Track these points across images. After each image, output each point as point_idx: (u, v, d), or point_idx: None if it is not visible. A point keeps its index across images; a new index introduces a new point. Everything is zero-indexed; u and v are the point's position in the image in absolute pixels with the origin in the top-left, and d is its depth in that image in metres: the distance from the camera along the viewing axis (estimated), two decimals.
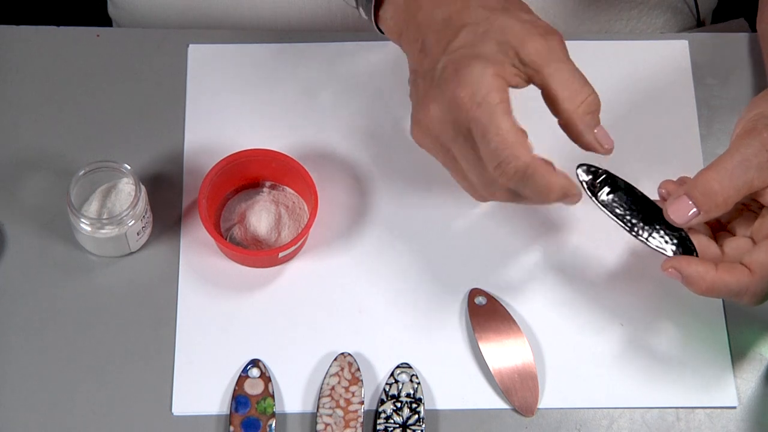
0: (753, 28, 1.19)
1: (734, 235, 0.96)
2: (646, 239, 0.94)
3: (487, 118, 0.89)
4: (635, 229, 0.95)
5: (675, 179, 0.96)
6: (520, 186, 0.90)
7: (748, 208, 0.96)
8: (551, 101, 0.92)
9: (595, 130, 0.92)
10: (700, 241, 0.94)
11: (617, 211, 0.95)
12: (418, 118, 0.93)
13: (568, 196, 0.92)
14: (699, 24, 1.25)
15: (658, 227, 0.94)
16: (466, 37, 0.91)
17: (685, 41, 1.12)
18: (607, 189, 0.96)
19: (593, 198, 0.96)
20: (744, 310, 1.02)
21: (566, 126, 0.92)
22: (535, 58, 0.90)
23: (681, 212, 0.92)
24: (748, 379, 1.00)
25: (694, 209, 0.91)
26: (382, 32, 0.99)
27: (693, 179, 0.92)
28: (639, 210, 0.95)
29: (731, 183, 0.90)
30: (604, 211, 0.96)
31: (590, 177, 0.96)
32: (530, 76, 0.91)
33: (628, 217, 0.95)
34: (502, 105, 0.89)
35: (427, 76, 0.92)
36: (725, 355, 1.01)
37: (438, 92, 0.91)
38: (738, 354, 1.01)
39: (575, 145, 0.94)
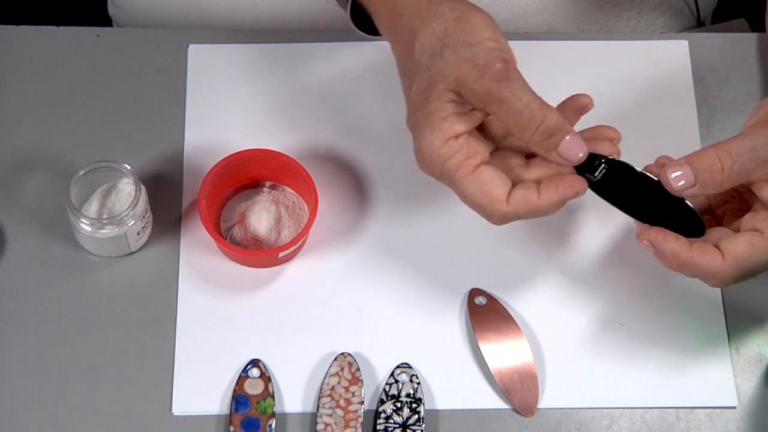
0: (753, 28, 1.19)
1: (719, 217, 0.96)
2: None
3: (451, 185, 0.93)
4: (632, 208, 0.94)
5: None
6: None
7: (740, 196, 0.95)
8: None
9: (561, 145, 0.91)
10: None
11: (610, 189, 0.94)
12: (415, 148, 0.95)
13: (574, 193, 0.92)
14: (699, 24, 1.25)
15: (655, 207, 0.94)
16: (415, 95, 0.93)
17: (685, 41, 1.12)
18: (602, 167, 0.95)
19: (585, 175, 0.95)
20: (744, 310, 1.02)
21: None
22: (475, 101, 0.91)
23: (681, 179, 0.91)
24: (748, 379, 1.00)
25: (693, 179, 0.91)
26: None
27: (699, 152, 0.91)
28: (637, 189, 0.94)
29: (734, 167, 0.90)
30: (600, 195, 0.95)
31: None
32: (479, 110, 0.92)
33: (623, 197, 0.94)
34: (461, 169, 0.91)
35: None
36: (725, 355, 1.01)
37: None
38: (738, 354, 1.01)
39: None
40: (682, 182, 0.91)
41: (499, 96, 0.90)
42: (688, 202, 0.93)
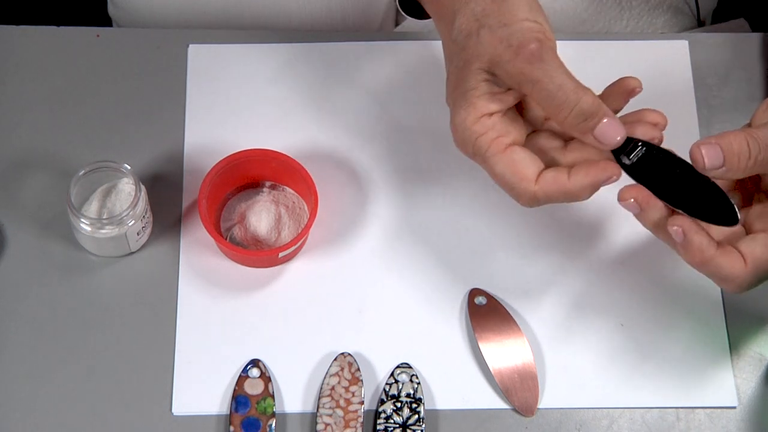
0: (753, 28, 1.19)
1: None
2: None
3: (482, 163, 0.92)
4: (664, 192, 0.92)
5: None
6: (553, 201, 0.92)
7: (744, 185, 0.95)
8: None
9: (597, 128, 0.90)
10: None
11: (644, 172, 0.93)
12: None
13: (608, 174, 0.91)
14: (699, 24, 1.25)
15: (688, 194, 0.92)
16: (452, 74, 0.93)
17: (685, 41, 1.12)
18: (638, 151, 0.93)
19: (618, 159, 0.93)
20: (744, 310, 1.02)
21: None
22: (509, 81, 0.91)
23: (711, 157, 0.90)
24: (748, 379, 1.00)
25: (722, 161, 0.89)
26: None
27: (728, 135, 0.90)
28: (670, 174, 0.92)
29: (760, 156, 0.89)
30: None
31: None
32: (512, 94, 0.92)
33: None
34: (492, 146, 0.91)
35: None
36: (725, 355, 1.01)
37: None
38: (738, 354, 1.01)
39: None
40: (712, 161, 0.89)
41: (532, 77, 0.89)
42: (725, 192, 0.91)
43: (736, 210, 0.90)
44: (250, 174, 1.05)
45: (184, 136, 1.08)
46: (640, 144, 0.92)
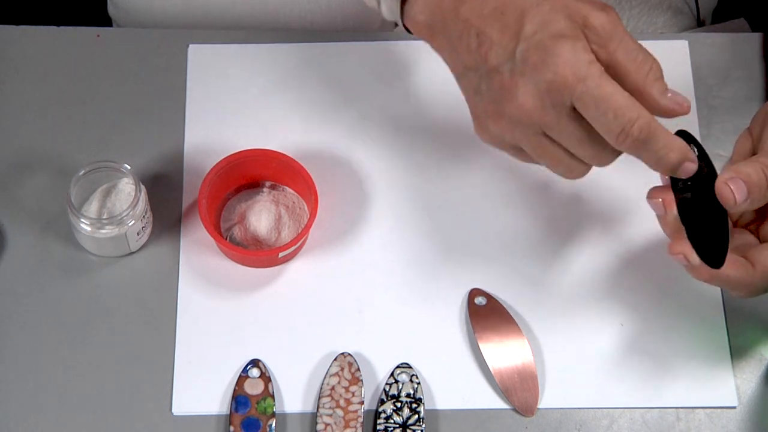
0: (753, 28, 1.19)
1: (733, 222, 0.95)
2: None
3: (597, 89, 0.87)
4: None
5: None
6: (641, 149, 0.88)
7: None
8: (618, 76, 0.90)
9: (669, 94, 0.90)
10: None
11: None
12: (507, 111, 0.90)
13: (688, 159, 0.89)
14: (699, 24, 1.25)
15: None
16: (535, 18, 0.89)
17: (685, 41, 1.12)
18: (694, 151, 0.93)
19: None
20: (744, 310, 1.02)
21: (638, 99, 0.90)
22: (600, 32, 0.89)
23: (739, 192, 0.89)
24: (748, 379, 1.00)
25: (747, 194, 0.89)
26: (408, 30, 0.97)
27: (744, 166, 0.90)
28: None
29: None
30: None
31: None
32: (595, 52, 0.89)
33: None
34: (605, 74, 0.88)
35: (501, 69, 0.90)
36: (725, 355, 1.01)
37: (528, 81, 0.89)
38: (738, 354, 1.01)
39: None
40: (741, 196, 0.89)
41: (622, 29, 0.89)
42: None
43: (725, 257, 0.90)
44: (250, 174, 1.05)
45: (184, 136, 1.08)
46: (695, 147, 0.91)
